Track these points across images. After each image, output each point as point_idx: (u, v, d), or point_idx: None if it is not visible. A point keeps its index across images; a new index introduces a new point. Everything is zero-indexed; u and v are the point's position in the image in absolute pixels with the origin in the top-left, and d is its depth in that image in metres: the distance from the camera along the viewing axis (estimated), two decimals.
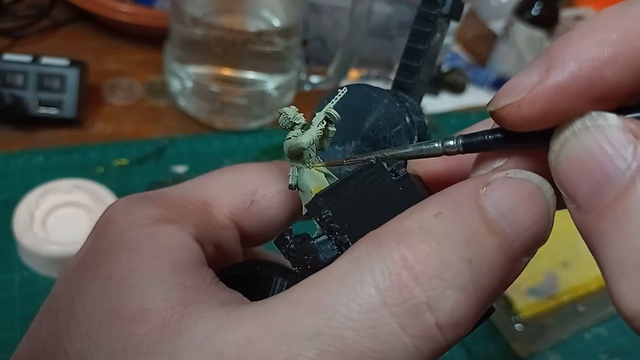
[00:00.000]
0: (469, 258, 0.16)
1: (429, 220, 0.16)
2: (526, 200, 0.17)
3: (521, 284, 0.56)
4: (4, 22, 0.77)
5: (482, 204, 0.17)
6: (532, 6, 0.84)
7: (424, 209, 0.17)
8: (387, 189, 0.19)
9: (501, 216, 0.17)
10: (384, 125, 0.23)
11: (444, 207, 0.17)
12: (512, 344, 0.53)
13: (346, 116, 0.23)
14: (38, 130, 0.65)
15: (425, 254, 0.16)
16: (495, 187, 0.17)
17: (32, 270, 0.51)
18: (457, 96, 0.86)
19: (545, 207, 0.17)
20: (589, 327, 0.57)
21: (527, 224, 0.17)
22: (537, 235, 0.17)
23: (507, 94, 0.17)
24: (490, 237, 0.16)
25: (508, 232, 0.17)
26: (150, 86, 0.74)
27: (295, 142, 0.21)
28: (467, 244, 0.16)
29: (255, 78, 0.71)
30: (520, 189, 0.17)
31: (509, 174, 0.17)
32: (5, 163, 0.60)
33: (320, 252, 0.19)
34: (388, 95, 0.24)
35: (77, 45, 0.77)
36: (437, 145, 0.20)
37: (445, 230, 0.16)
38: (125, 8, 0.75)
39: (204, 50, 0.68)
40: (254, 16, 0.72)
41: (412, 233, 0.16)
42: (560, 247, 0.61)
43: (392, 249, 0.16)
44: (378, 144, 0.23)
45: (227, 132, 0.70)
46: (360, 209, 0.19)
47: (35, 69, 0.63)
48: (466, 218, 0.16)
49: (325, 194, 0.19)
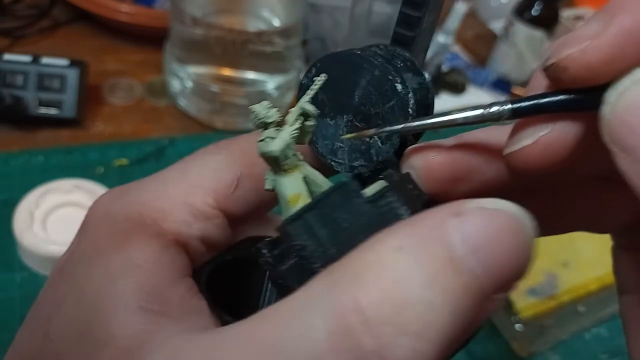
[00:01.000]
0: (428, 301, 0.14)
1: (388, 256, 0.15)
2: (503, 235, 0.15)
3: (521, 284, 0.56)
4: (4, 22, 0.77)
5: (449, 239, 0.15)
6: (532, 6, 0.84)
7: (385, 241, 0.15)
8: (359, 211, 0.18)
9: (471, 253, 0.15)
10: (376, 99, 0.21)
11: (406, 240, 0.15)
12: (512, 344, 0.53)
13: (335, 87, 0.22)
14: (38, 130, 0.65)
15: (378, 296, 0.14)
16: (466, 218, 0.15)
17: (32, 270, 0.51)
18: (457, 96, 0.86)
19: (525, 241, 0.16)
20: (589, 327, 0.57)
21: (503, 263, 0.15)
22: (513, 274, 0.16)
23: (569, 44, 0.16)
24: (455, 278, 0.15)
25: (478, 272, 0.15)
26: (150, 86, 0.74)
27: (265, 148, 0.19)
28: (427, 285, 0.14)
29: (255, 78, 0.71)
30: (496, 222, 0.15)
31: (484, 204, 0.16)
32: (5, 163, 0.60)
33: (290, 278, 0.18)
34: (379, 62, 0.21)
35: (77, 45, 0.77)
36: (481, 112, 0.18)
37: (404, 269, 0.15)
38: (125, 8, 0.75)
39: (204, 50, 0.68)
40: (254, 16, 0.72)
41: (369, 270, 0.15)
42: (560, 247, 0.61)
43: (345, 288, 0.15)
44: (371, 120, 0.22)
45: (227, 132, 0.70)
46: (330, 234, 0.18)
47: (35, 69, 0.63)
48: (429, 254, 0.15)
49: (294, 219, 0.18)
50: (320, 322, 0.14)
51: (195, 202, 0.22)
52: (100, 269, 0.19)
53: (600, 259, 0.61)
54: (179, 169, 0.23)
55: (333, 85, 0.22)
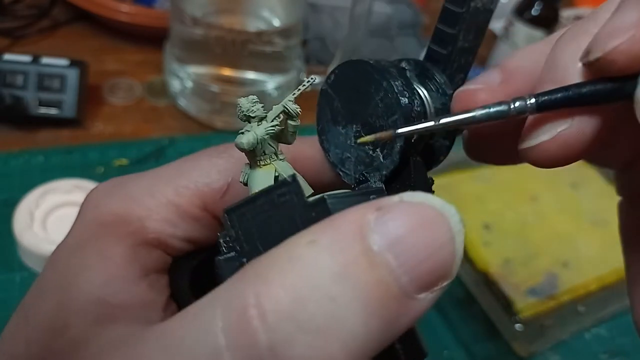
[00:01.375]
0: (336, 298, 0.13)
1: (300, 249, 0.14)
2: (422, 227, 0.15)
3: (521, 284, 0.56)
4: (4, 22, 0.77)
5: (366, 233, 0.14)
6: (532, 6, 0.84)
7: (300, 236, 0.15)
8: (298, 213, 0.17)
9: (387, 247, 0.14)
10: (382, 112, 0.21)
11: (321, 234, 0.15)
12: (512, 344, 0.53)
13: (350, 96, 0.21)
14: (38, 130, 0.65)
15: (281, 290, 0.14)
16: (385, 212, 0.15)
17: (32, 270, 0.51)
18: None
19: (447, 236, 0.15)
20: (589, 327, 0.57)
21: (422, 257, 0.14)
22: (435, 269, 0.15)
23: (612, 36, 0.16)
24: (369, 272, 0.14)
25: (394, 266, 0.14)
26: (150, 86, 0.74)
27: (237, 141, 0.19)
28: (337, 279, 0.14)
29: (255, 78, 0.71)
30: (415, 215, 0.15)
31: (404, 198, 0.15)
32: (5, 163, 0.60)
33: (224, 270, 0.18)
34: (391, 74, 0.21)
35: (77, 45, 0.77)
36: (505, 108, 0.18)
37: (314, 262, 0.14)
38: (125, 8, 0.75)
39: (204, 50, 0.68)
40: (254, 16, 0.72)
41: (276, 264, 0.14)
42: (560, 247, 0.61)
43: (247, 282, 0.14)
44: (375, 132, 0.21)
45: (227, 132, 0.70)
46: (265, 232, 0.17)
47: (35, 69, 0.63)
48: (344, 247, 0.14)
49: (232, 210, 0.18)
50: (219, 318, 0.14)
51: (182, 202, 0.22)
52: (76, 260, 0.20)
53: (600, 259, 0.61)
54: (175, 168, 0.23)
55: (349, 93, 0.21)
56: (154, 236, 0.21)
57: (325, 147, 0.23)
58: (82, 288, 0.19)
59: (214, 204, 0.22)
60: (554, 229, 0.63)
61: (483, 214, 0.63)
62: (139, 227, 0.21)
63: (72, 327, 0.18)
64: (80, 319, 0.18)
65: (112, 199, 0.22)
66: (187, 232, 0.22)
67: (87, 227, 0.21)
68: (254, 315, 0.13)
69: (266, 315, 0.13)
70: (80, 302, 0.19)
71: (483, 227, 0.61)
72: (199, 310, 0.15)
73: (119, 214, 0.21)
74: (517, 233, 0.61)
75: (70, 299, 0.19)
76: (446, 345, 0.53)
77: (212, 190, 0.22)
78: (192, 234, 0.22)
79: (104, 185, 0.23)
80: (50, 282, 0.20)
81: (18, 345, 0.19)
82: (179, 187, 0.22)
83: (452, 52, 0.21)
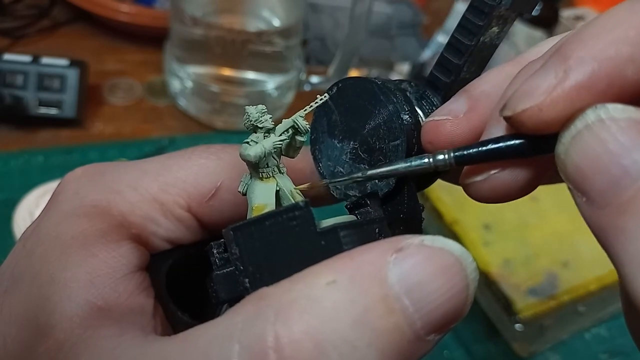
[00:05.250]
0: (354, 343, 0.14)
1: (319, 290, 0.14)
2: (440, 274, 0.15)
3: (521, 284, 0.56)
4: (4, 22, 0.77)
5: (386, 276, 0.14)
6: None
7: (319, 272, 0.15)
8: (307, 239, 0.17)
9: (406, 292, 0.14)
10: (384, 135, 0.21)
11: (341, 274, 0.15)
12: (512, 344, 0.53)
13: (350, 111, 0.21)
14: (38, 130, 0.65)
15: (302, 334, 0.14)
16: (405, 255, 0.15)
17: None
18: None
19: (464, 283, 0.15)
20: (589, 327, 0.57)
21: (437, 303, 0.15)
22: (449, 315, 0.15)
23: (524, 97, 0.16)
24: (387, 317, 0.14)
25: (410, 312, 0.14)
26: (150, 86, 0.74)
27: (243, 151, 0.19)
28: (356, 324, 0.14)
29: (255, 78, 0.71)
30: (435, 261, 0.15)
31: (425, 241, 0.15)
32: (5, 163, 0.60)
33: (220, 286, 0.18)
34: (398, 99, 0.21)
35: (77, 45, 0.77)
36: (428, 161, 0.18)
37: (334, 305, 0.14)
38: (125, 8, 0.75)
39: (204, 50, 0.68)
40: (254, 16, 0.72)
41: (296, 304, 0.14)
42: (560, 247, 0.61)
43: (267, 321, 0.14)
44: (374, 154, 0.21)
45: (227, 132, 0.70)
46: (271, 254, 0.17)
47: (35, 69, 0.63)
48: (363, 291, 0.14)
49: (239, 228, 0.17)
50: (235, 356, 0.14)
51: (166, 201, 0.21)
52: (56, 253, 0.19)
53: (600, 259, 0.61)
54: (161, 163, 0.22)
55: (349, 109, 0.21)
56: (136, 232, 0.20)
57: (317, 158, 0.23)
58: (67, 286, 0.18)
59: (198, 206, 0.22)
60: (554, 229, 0.63)
61: (483, 214, 0.63)
62: (122, 222, 0.20)
63: (58, 330, 0.17)
64: (67, 320, 0.17)
65: (93, 188, 0.20)
66: (168, 232, 0.21)
67: (67, 216, 0.20)
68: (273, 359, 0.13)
69: None
70: (65, 302, 0.18)
71: (483, 227, 0.61)
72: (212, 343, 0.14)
73: (101, 206, 0.20)
74: (517, 233, 0.61)
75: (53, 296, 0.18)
76: (446, 345, 0.53)
77: (199, 193, 0.21)
78: (173, 233, 0.22)
79: (83, 171, 0.21)
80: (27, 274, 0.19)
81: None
82: (165, 185, 0.21)
83: (454, 82, 0.21)
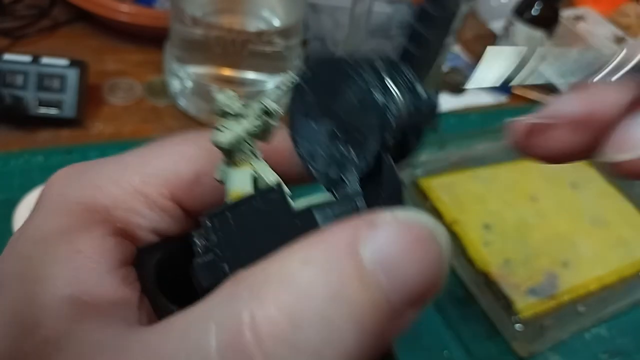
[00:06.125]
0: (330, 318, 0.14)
1: (293, 269, 0.14)
2: (414, 247, 0.15)
3: (521, 284, 0.56)
4: (4, 22, 0.77)
5: (359, 252, 0.14)
6: (532, 6, 0.84)
7: (293, 252, 0.15)
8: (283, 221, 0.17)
9: (380, 267, 0.14)
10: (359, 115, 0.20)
11: (315, 252, 0.15)
12: (512, 344, 0.53)
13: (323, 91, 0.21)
14: (38, 130, 0.65)
15: (276, 312, 0.14)
16: (378, 230, 0.15)
17: None
18: (457, 96, 0.86)
19: (437, 254, 0.15)
20: (589, 327, 0.57)
21: (412, 275, 0.15)
22: (424, 287, 0.15)
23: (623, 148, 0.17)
24: (362, 293, 0.14)
25: (385, 286, 0.14)
26: (150, 86, 0.74)
27: (214, 138, 0.18)
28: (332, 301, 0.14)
29: (255, 78, 0.71)
30: (407, 235, 0.15)
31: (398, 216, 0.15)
32: (5, 163, 0.60)
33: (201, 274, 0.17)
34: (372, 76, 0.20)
35: (77, 45, 0.77)
36: None
37: (309, 283, 0.14)
38: (125, 8, 0.75)
39: (204, 50, 0.68)
40: (254, 16, 0.72)
41: (270, 283, 0.14)
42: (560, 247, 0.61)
43: (243, 301, 0.14)
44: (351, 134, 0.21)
45: None
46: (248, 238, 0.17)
47: (35, 69, 0.63)
48: (337, 267, 0.14)
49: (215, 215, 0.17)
50: (213, 337, 0.14)
51: (150, 192, 0.21)
52: (41, 252, 0.19)
53: (600, 259, 0.61)
54: (140, 155, 0.22)
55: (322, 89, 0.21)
56: (121, 226, 0.20)
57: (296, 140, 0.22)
58: (51, 282, 0.18)
59: (182, 194, 0.21)
60: (554, 229, 0.63)
61: (483, 214, 0.63)
62: (106, 217, 0.20)
63: (43, 326, 0.17)
64: (52, 316, 0.17)
65: (75, 187, 0.20)
66: (153, 223, 0.21)
67: (52, 216, 0.20)
68: (249, 338, 0.14)
69: (262, 338, 0.14)
70: (50, 298, 0.18)
71: (483, 227, 0.61)
72: (189, 326, 0.15)
73: (84, 203, 0.20)
74: (517, 233, 0.61)
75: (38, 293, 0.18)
76: (446, 345, 0.53)
77: (181, 180, 0.21)
78: (159, 224, 0.21)
79: (64, 172, 0.21)
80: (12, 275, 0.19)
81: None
82: (146, 176, 0.21)
83: (427, 54, 0.21)
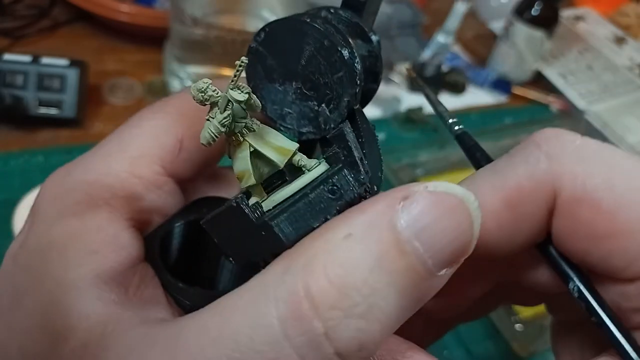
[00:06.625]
0: (374, 285, 0.15)
1: (338, 243, 0.16)
2: (446, 215, 0.16)
3: None
4: (4, 22, 0.77)
5: (396, 223, 0.16)
6: (532, 6, 0.84)
7: (336, 228, 0.16)
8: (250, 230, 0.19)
9: (415, 235, 0.16)
10: (325, 69, 0.21)
11: (355, 227, 0.16)
12: (512, 344, 0.53)
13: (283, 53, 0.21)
14: (38, 130, 0.65)
15: (327, 283, 0.15)
16: (412, 202, 0.16)
17: None
18: (457, 96, 0.86)
19: (468, 221, 0.17)
20: None
21: (445, 241, 0.16)
22: (457, 250, 0.17)
23: None
24: (400, 259, 0.16)
25: (421, 252, 0.16)
26: (150, 86, 0.74)
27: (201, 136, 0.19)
28: (374, 269, 0.15)
29: None
30: (439, 204, 0.16)
31: (429, 187, 0.16)
32: (5, 163, 0.60)
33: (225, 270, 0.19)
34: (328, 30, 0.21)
35: (77, 45, 0.77)
36: None
37: (352, 255, 0.16)
38: (125, 8, 0.75)
39: (204, 50, 0.68)
40: (254, 16, 0.72)
41: (318, 257, 0.16)
42: None
43: (297, 275, 0.16)
44: (320, 89, 0.21)
45: None
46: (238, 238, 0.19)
47: (35, 69, 0.63)
48: (377, 239, 0.16)
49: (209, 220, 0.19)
50: (274, 310, 0.15)
51: (143, 173, 0.21)
52: (54, 258, 0.19)
53: None
54: (117, 140, 0.22)
55: (281, 51, 0.21)
56: (128, 217, 0.20)
57: (262, 104, 0.22)
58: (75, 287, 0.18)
59: (172, 166, 0.22)
60: None
61: None
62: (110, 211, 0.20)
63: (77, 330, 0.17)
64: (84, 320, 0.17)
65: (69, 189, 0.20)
66: (152, 202, 0.21)
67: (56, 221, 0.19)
68: (307, 306, 0.15)
69: (318, 306, 0.15)
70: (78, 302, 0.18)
71: None
72: (249, 304, 0.16)
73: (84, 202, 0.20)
74: None
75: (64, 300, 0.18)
76: (446, 345, 0.53)
77: (167, 153, 0.22)
78: (157, 203, 0.22)
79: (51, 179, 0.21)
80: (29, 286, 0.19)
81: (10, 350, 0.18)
82: (133, 159, 0.21)
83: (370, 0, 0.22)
